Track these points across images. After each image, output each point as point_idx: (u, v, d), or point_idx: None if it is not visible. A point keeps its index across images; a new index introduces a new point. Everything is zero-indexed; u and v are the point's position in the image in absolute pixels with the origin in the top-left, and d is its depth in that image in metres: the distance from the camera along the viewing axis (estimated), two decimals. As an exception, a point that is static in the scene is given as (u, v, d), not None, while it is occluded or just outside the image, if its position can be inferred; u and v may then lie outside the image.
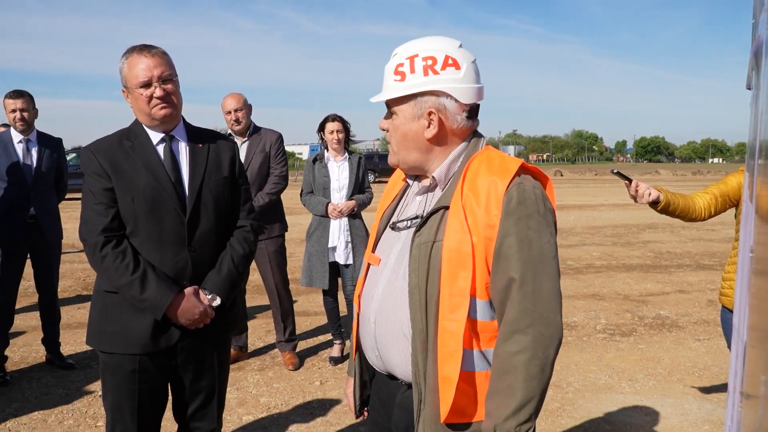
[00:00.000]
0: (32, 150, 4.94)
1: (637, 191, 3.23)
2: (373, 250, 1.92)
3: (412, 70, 1.73)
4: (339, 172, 5.19)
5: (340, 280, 5.36)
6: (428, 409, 1.67)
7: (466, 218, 1.65)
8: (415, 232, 1.72)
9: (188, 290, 2.48)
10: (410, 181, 1.91)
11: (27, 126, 4.90)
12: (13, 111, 4.84)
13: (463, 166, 1.75)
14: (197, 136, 2.63)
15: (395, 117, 1.79)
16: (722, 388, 4.78)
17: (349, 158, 5.20)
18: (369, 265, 1.91)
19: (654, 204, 3.25)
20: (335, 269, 5.24)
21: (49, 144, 5.05)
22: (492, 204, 1.64)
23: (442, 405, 1.64)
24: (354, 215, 5.15)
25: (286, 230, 5.38)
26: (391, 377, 1.86)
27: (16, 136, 4.89)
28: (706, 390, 4.77)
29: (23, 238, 4.87)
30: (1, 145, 4.84)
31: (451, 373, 1.62)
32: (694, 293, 8.10)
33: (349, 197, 5.13)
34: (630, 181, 3.22)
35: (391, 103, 1.78)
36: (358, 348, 1.97)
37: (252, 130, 5.14)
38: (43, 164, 4.94)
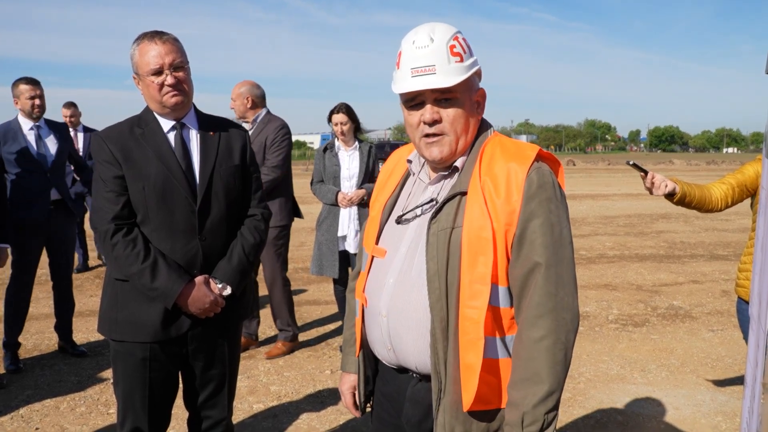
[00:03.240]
0: (44, 137, 4.95)
1: (653, 183, 3.17)
2: (377, 243, 1.87)
3: (465, 50, 1.70)
4: (349, 162, 5.17)
5: (350, 270, 5.35)
6: (449, 398, 1.66)
7: (486, 204, 1.63)
8: (431, 219, 1.69)
9: (198, 279, 2.47)
10: (415, 170, 1.87)
11: (42, 112, 4.92)
12: (32, 98, 4.84)
13: (478, 151, 1.73)
14: (208, 124, 2.61)
15: (455, 101, 1.70)
16: (736, 379, 4.74)
17: (360, 147, 5.18)
18: (373, 257, 1.86)
19: (670, 196, 3.19)
20: (345, 258, 5.23)
21: (59, 130, 5.07)
22: (513, 189, 1.63)
23: (466, 393, 1.63)
24: (364, 204, 5.12)
25: (291, 220, 5.32)
26: (401, 371, 1.83)
27: (26, 124, 4.89)
28: (720, 381, 4.73)
29: (45, 225, 4.90)
30: (11, 134, 4.85)
31: (474, 361, 1.61)
32: (707, 283, 8.03)
33: (359, 186, 5.11)
34: (646, 172, 3.15)
35: (454, 87, 1.67)
36: (363, 343, 1.93)
37: (260, 119, 5.10)
38: (57, 151, 4.97)
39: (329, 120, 5.18)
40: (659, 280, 8.21)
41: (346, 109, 5.13)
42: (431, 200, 1.77)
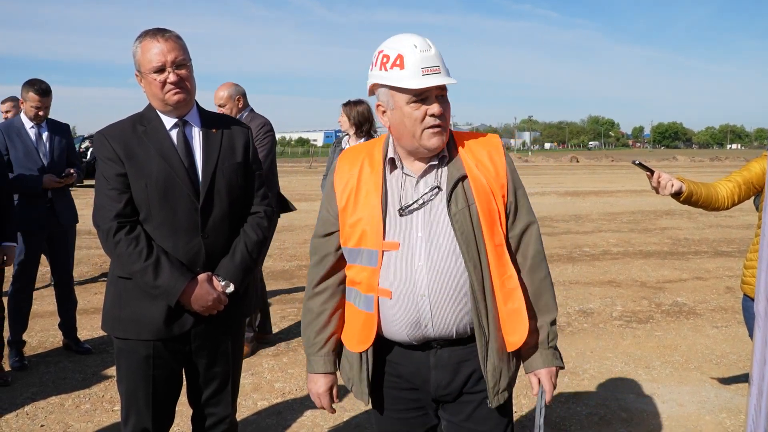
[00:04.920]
0: (44, 135, 4.98)
1: (659, 182, 3.14)
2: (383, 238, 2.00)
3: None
4: None
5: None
6: (494, 345, 1.99)
7: (485, 183, 2.00)
8: (448, 202, 1.96)
9: (201, 277, 2.47)
10: (405, 167, 2.05)
11: (44, 120, 4.96)
12: (37, 108, 4.86)
13: (451, 143, 2.06)
14: (211, 121, 2.61)
15: (446, 98, 1.99)
16: (741, 376, 4.73)
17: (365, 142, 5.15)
18: (383, 252, 1.97)
19: (676, 195, 3.15)
20: None
21: (59, 130, 5.08)
22: (498, 168, 2.04)
23: (513, 336, 2.00)
24: None
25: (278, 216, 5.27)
26: (419, 347, 2.03)
27: (28, 122, 4.92)
28: (724, 378, 4.72)
29: (43, 223, 4.92)
30: (15, 131, 4.87)
31: (519, 305, 2.00)
32: (711, 280, 8.02)
33: None
34: (652, 172, 3.12)
35: (446, 88, 1.98)
36: (378, 337, 2.05)
37: (242, 118, 4.98)
38: (55, 150, 4.98)
39: None
40: (663, 277, 8.19)
41: (346, 108, 5.13)
42: (435, 188, 2.00)
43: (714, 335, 5.75)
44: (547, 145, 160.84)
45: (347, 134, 5.22)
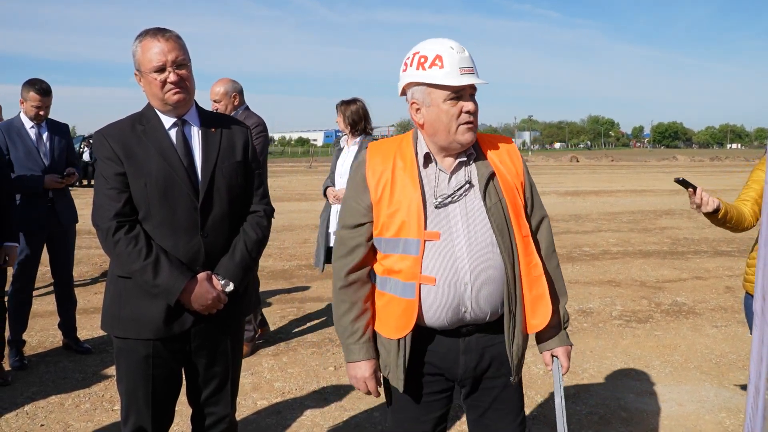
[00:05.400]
0: (44, 135, 4.98)
1: (701, 200, 2.98)
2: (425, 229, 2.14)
3: None
4: (345, 157, 5.17)
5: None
6: (519, 327, 2.20)
7: (510, 181, 2.20)
8: (483, 197, 2.14)
9: (201, 276, 2.47)
10: (441, 162, 2.20)
11: (45, 120, 4.97)
12: (38, 107, 4.87)
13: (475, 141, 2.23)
14: (210, 120, 2.61)
15: (475, 98, 2.15)
16: (740, 375, 4.73)
17: (360, 143, 5.15)
18: (425, 241, 2.11)
19: (713, 213, 3.02)
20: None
21: (58, 130, 5.08)
22: (517, 166, 2.26)
23: (535, 319, 2.22)
24: None
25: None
26: (451, 333, 2.19)
27: (28, 122, 4.92)
28: (724, 377, 4.72)
29: (43, 223, 4.92)
30: (15, 131, 4.86)
31: (543, 291, 2.21)
32: (711, 280, 8.02)
33: None
34: (695, 188, 2.97)
35: (476, 88, 2.15)
36: (417, 324, 2.17)
37: (237, 116, 4.98)
38: (55, 150, 4.99)
39: None
40: (663, 277, 8.20)
41: (341, 108, 5.13)
42: (467, 183, 2.17)
43: (713, 335, 5.75)
44: (557, 145, 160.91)
45: (345, 134, 5.22)
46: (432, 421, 2.32)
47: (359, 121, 5.12)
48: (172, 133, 2.50)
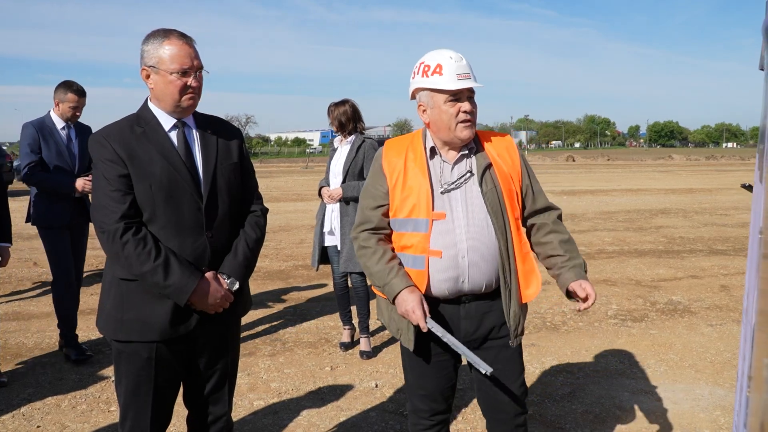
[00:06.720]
0: (72, 137, 5.00)
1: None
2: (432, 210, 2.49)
3: None
4: (338, 158, 5.18)
5: (331, 266, 5.35)
6: (515, 296, 2.52)
7: (506, 171, 2.54)
8: (480, 184, 2.48)
9: (209, 275, 2.50)
10: (445, 154, 2.55)
11: (76, 120, 5.02)
12: (74, 108, 4.90)
13: (475, 138, 2.58)
14: (205, 122, 2.63)
15: (474, 99, 2.50)
16: (735, 374, 4.75)
17: (352, 143, 5.15)
18: (432, 221, 2.46)
19: None
20: (336, 254, 5.21)
21: (84, 132, 5.09)
22: (514, 158, 2.60)
23: (529, 290, 2.54)
24: (354, 201, 5.08)
25: None
26: (452, 302, 2.53)
27: (59, 122, 4.93)
28: (718, 376, 4.74)
29: (73, 218, 4.98)
30: (48, 131, 4.87)
31: (532, 266, 2.54)
32: (706, 278, 8.05)
33: (343, 182, 5.07)
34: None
35: (474, 90, 2.50)
36: (427, 290, 2.50)
37: None
38: (83, 151, 5.01)
39: None
40: (658, 276, 8.22)
41: (330, 109, 5.15)
42: (468, 172, 2.52)
43: (709, 333, 5.78)
44: (553, 144, 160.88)
45: (338, 134, 5.24)
46: (444, 377, 2.64)
47: (347, 123, 5.13)
48: (173, 135, 2.51)
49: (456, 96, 2.45)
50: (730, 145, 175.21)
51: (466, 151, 2.55)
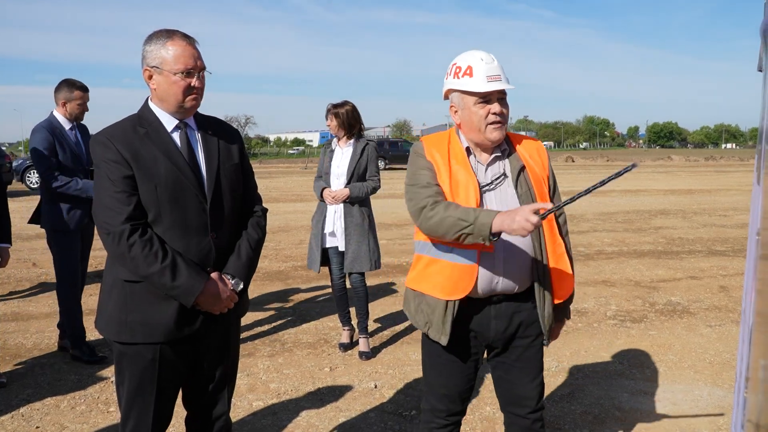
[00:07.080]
0: (79, 137, 4.95)
1: None
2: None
3: None
4: (341, 159, 5.17)
5: (330, 267, 5.34)
6: (548, 296, 2.55)
7: (538, 173, 2.56)
8: (516, 185, 2.50)
9: (214, 275, 2.50)
10: (479, 155, 2.56)
11: (82, 118, 4.98)
12: (81, 104, 4.87)
13: (507, 138, 2.62)
14: (206, 123, 2.63)
15: (505, 101, 2.50)
16: (734, 375, 4.75)
17: (355, 145, 5.16)
18: None
19: None
20: (336, 255, 5.22)
21: (86, 132, 5.07)
22: (544, 161, 2.62)
23: (562, 290, 2.57)
24: (358, 202, 5.10)
25: None
26: (485, 301, 2.53)
27: (66, 123, 4.87)
28: (717, 376, 4.75)
29: (85, 226, 4.95)
30: (58, 132, 4.79)
31: (566, 267, 2.56)
32: (705, 279, 8.05)
33: (348, 184, 5.08)
34: None
35: (506, 92, 2.50)
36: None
37: None
38: (90, 152, 4.97)
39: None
40: (657, 276, 8.23)
41: (334, 111, 5.13)
42: (502, 174, 2.53)
43: (708, 334, 5.78)
44: (548, 143, 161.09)
45: (336, 137, 5.23)
46: (466, 378, 2.65)
47: (354, 124, 5.15)
48: (176, 136, 2.51)
49: (486, 98, 2.45)
50: (729, 145, 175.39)
51: (499, 153, 2.56)
